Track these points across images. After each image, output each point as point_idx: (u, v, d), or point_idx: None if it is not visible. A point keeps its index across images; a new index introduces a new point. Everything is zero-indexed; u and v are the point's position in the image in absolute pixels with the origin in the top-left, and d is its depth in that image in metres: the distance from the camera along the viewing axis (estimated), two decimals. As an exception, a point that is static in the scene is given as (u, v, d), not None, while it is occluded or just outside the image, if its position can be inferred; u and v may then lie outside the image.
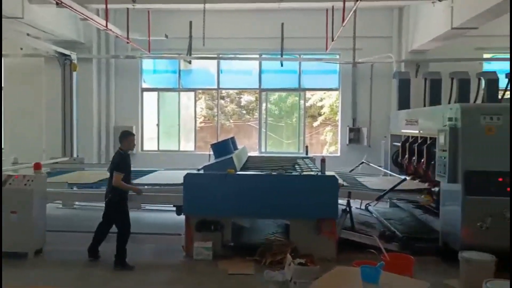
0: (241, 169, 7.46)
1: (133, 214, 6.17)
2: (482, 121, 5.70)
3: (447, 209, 6.09)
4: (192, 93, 12.63)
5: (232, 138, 8.53)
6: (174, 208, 6.67)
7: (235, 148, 8.36)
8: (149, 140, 12.72)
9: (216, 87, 12.54)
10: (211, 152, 7.98)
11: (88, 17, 8.19)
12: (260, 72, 12.24)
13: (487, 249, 5.22)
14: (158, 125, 12.64)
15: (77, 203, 9.10)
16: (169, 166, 9.45)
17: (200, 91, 12.99)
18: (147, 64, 12.68)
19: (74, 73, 10.65)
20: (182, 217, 6.40)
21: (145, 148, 12.59)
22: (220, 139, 10.68)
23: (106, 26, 8.49)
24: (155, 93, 12.67)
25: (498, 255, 5.09)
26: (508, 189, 5.55)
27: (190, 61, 12.26)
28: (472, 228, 5.57)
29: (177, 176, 6.88)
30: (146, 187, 6.98)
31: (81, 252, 6.06)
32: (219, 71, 12.43)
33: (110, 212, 6.01)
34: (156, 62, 12.80)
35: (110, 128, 12.11)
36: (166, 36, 11.56)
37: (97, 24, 8.71)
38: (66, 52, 10.46)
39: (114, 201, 5.92)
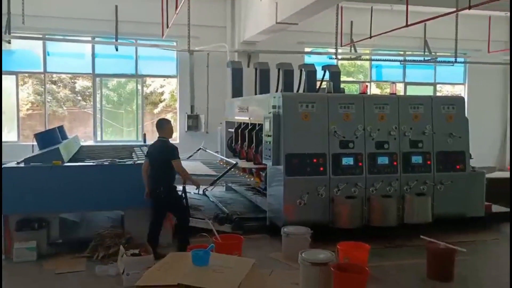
0: (72, 160, 6.99)
1: None
2: (300, 109, 6.35)
3: (272, 190, 6.66)
4: (14, 77, 11.30)
5: (60, 127, 7.91)
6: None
7: (64, 137, 7.78)
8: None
9: (42, 70, 11.43)
10: (35, 143, 7.28)
11: None
12: (94, 56, 11.55)
13: (305, 223, 5.87)
14: (-30, 112, 10.99)
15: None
16: (-15, 160, 8.31)
17: (25, 74, 11.70)
18: (-47, 42, 10.87)
19: None
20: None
21: (-47, 140, 10.84)
22: (51, 128, 9.80)
23: None
24: (-35, 75, 10.97)
25: (314, 227, 5.76)
26: (322, 168, 6.35)
27: (10, 40, 10.91)
28: (293, 205, 6.20)
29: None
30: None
31: None
32: (45, 53, 11.34)
33: (163, 207, 5.68)
34: (-35, 40, 11.07)
35: None
36: (-24, 11, 10.05)
37: None
38: None
39: (166, 192, 5.61)
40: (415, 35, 12.30)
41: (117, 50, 11.42)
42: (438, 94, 13.58)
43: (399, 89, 12.70)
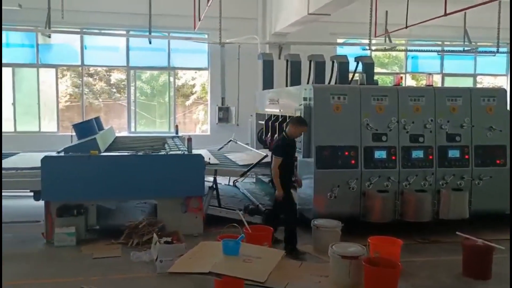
0: (107, 150, 7.21)
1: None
2: (331, 101, 6.27)
3: (303, 182, 6.63)
4: (53, 70, 11.70)
5: (97, 118, 8.15)
6: (32, 194, 6.21)
7: (100, 128, 8.02)
8: (4, 121, 11.50)
9: (80, 63, 11.77)
10: (74, 133, 7.55)
11: None
12: (128, 49, 11.80)
13: (335, 216, 5.83)
14: (13, 104, 11.48)
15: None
16: (28, 149, 8.68)
17: (64, 67, 12.09)
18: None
19: None
20: (41, 202, 6.00)
21: (-2, 130, 11.35)
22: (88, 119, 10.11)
23: None
24: (9, 69, 11.44)
25: (344, 220, 5.72)
26: (354, 161, 6.27)
27: (50, 35, 11.29)
28: (323, 198, 6.16)
29: (34, 159, 6.39)
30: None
31: None
32: (82, 47, 11.67)
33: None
34: (9, 35, 11.53)
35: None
36: (20, 6, 10.45)
37: None
38: None
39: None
40: (454, 24, 11.88)
41: (150, 43, 11.63)
42: (478, 85, 13.11)
43: (436, 80, 12.34)
